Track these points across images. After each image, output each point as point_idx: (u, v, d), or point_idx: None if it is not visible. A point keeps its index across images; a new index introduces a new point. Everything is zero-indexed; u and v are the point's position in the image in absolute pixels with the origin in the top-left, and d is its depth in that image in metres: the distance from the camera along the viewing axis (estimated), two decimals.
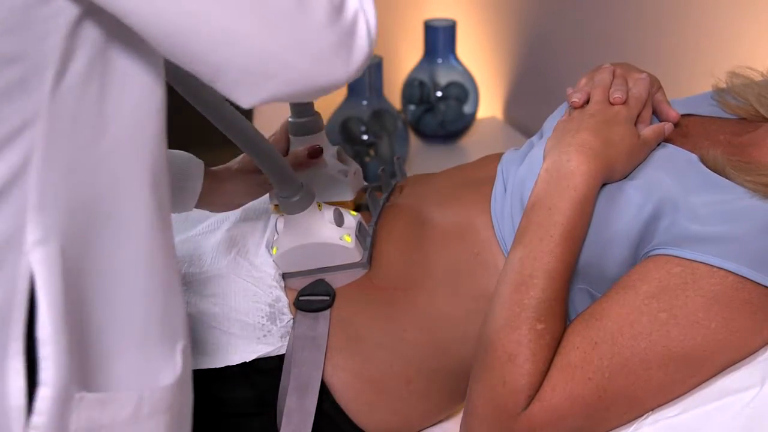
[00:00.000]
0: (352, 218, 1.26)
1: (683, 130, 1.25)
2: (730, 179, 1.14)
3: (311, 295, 1.23)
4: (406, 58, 2.64)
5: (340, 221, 1.25)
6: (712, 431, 1.04)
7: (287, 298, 1.24)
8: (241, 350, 1.21)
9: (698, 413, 1.06)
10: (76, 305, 0.81)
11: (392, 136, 2.35)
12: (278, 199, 1.23)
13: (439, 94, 2.50)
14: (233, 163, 1.34)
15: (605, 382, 1.06)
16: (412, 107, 2.51)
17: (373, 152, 2.35)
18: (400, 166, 1.48)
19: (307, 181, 1.25)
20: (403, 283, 1.25)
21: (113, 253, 0.84)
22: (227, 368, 1.20)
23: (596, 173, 1.12)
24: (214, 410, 1.22)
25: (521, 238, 1.12)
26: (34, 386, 0.80)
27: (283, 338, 1.21)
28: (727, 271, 1.06)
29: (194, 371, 0.93)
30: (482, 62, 2.63)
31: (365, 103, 2.30)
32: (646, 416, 1.08)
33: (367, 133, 2.32)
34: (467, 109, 2.51)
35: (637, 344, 1.07)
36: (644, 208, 1.12)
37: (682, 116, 1.26)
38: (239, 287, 1.25)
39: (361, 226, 1.27)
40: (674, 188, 1.13)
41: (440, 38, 2.47)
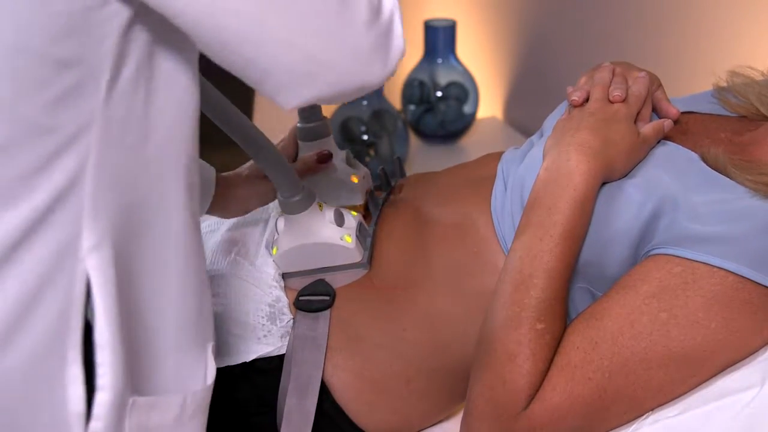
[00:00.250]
0: (352, 218, 1.26)
1: (683, 127, 1.25)
2: (730, 178, 1.14)
3: (311, 295, 1.23)
4: (406, 58, 2.62)
5: (340, 221, 1.24)
6: (712, 431, 1.04)
7: (287, 298, 1.24)
8: (241, 350, 1.21)
9: (698, 413, 1.06)
10: (125, 309, 0.82)
11: (392, 136, 2.35)
12: (279, 198, 1.23)
13: (439, 94, 2.50)
14: (243, 169, 1.34)
15: (605, 381, 1.06)
16: (412, 107, 2.51)
17: (373, 152, 2.35)
18: (399, 165, 1.48)
19: (317, 186, 1.25)
20: (403, 282, 1.24)
21: (155, 255, 0.85)
22: (227, 368, 1.20)
23: (596, 172, 1.12)
24: (214, 410, 1.21)
25: (521, 237, 1.12)
26: (89, 392, 0.81)
27: (283, 338, 1.21)
28: (727, 271, 1.06)
29: None
30: (482, 62, 2.62)
31: (365, 103, 2.30)
32: (646, 416, 1.08)
33: (367, 133, 2.32)
34: (467, 109, 2.51)
35: (637, 344, 1.06)
36: (645, 206, 1.12)
37: (682, 114, 1.26)
38: (239, 287, 1.25)
39: (361, 226, 1.27)
40: (674, 186, 1.13)
41: (440, 38, 2.46)
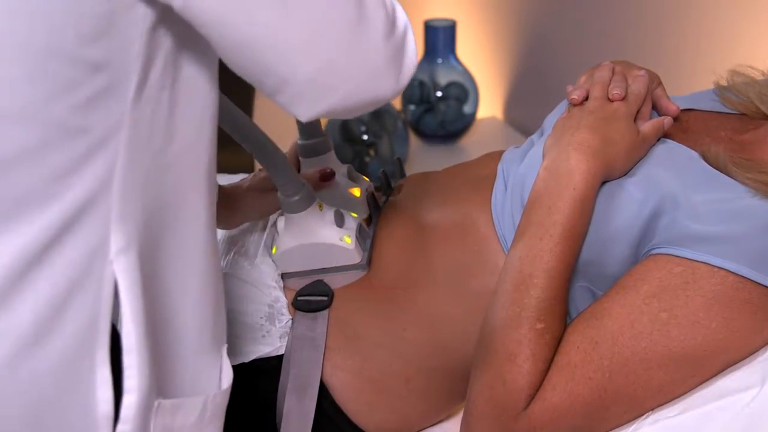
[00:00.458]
0: (352, 220, 1.26)
1: (684, 125, 1.25)
2: (731, 176, 1.13)
3: (309, 295, 1.23)
4: None
5: (340, 222, 1.24)
6: (712, 431, 1.04)
7: (286, 298, 1.24)
8: (240, 351, 1.21)
9: (698, 413, 1.06)
10: (150, 312, 0.83)
11: (392, 136, 2.35)
12: (279, 197, 1.23)
13: (439, 94, 2.50)
14: (244, 181, 1.34)
15: (605, 381, 1.06)
16: (412, 107, 2.51)
17: (373, 152, 2.35)
18: (400, 166, 1.48)
19: (320, 202, 1.25)
20: (402, 282, 1.24)
21: (178, 258, 0.86)
22: None
23: (595, 172, 1.12)
24: None
25: (521, 237, 1.12)
26: (116, 395, 0.81)
27: (282, 338, 1.21)
28: (727, 271, 1.06)
29: None
30: (482, 62, 2.62)
31: None
32: (646, 416, 1.08)
33: (367, 133, 2.32)
34: (467, 109, 2.51)
35: (637, 344, 1.06)
36: (645, 204, 1.11)
37: (683, 111, 1.26)
38: (238, 287, 1.25)
39: (361, 227, 1.27)
40: (674, 185, 1.12)
41: (440, 38, 2.47)
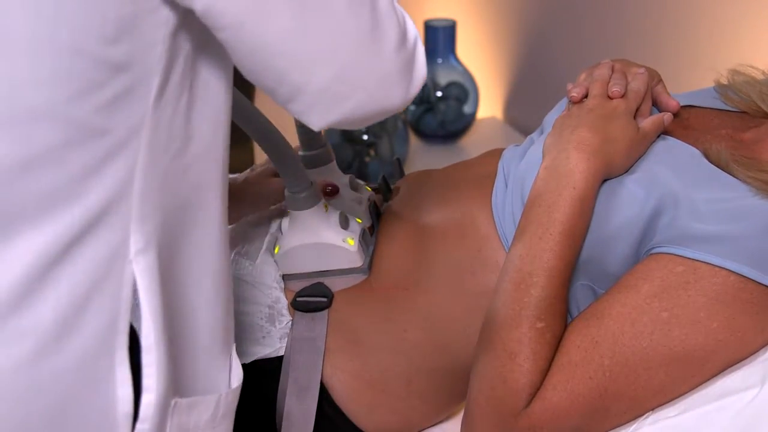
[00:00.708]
0: (357, 224, 1.26)
1: (684, 122, 1.25)
2: (733, 175, 1.13)
3: (309, 296, 1.23)
4: None
5: (345, 224, 1.25)
6: (712, 431, 1.04)
7: (286, 299, 1.24)
8: (240, 351, 1.20)
9: (698, 413, 1.06)
10: (167, 312, 0.84)
11: (392, 136, 2.35)
12: (286, 194, 1.23)
13: (439, 94, 2.50)
14: (240, 175, 1.35)
15: (606, 381, 1.06)
16: (412, 107, 2.51)
17: (373, 152, 2.35)
18: (399, 167, 1.47)
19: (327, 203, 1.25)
20: (403, 283, 1.24)
21: (194, 258, 0.87)
22: None
23: (595, 170, 1.12)
24: None
25: (521, 235, 1.12)
26: (135, 393, 0.82)
27: (282, 339, 1.21)
28: (729, 270, 1.06)
29: None
30: (482, 62, 2.62)
31: None
32: (646, 416, 1.08)
33: (367, 133, 2.32)
34: (467, 109, 2.51)
35: (638, 343, 1.06)
36: (647, 203, 1.11)
37: (683, 108, 1.26)
38: (239, 288, 1.24)
39: (365, 233, 1.27)
40: (675, 183, 1.12)
41: (440, 38, 2.47)
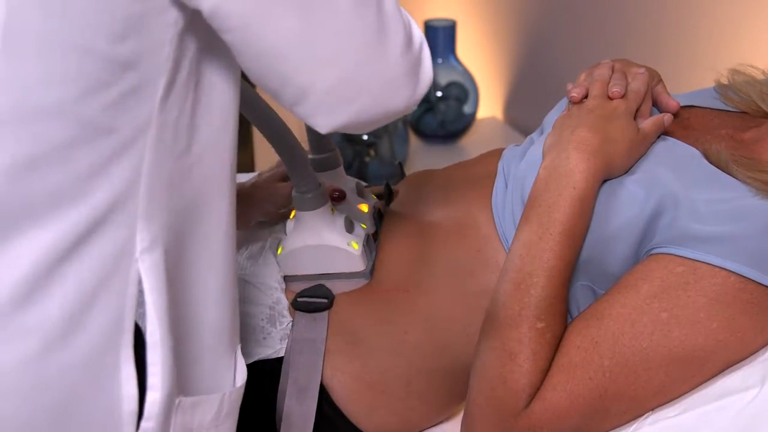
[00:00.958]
0: (361, 229, 1.27)
1: (684, 122, 1.25)
2: (732, 175, 1.13)
3: (309, 297, 1.23)
4: None
5: (350, 228, 1.25)
6: (712, 431, 1.04)
7: (287, 300, 1.24)
8: (241, 353, 1.21)
9: (698, 413, 1.06)
10: (172, 310, 0.84)
11: (392, 136, 2.35)
12: (293, 194, 1.24)
13: (439, 94, 2.50)
14: (248, 181, 1.35)
15: (606, 381, 1.06)
16: None
17: (373, 152, 2.35)
18: (401, 170, 1.47)
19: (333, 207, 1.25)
20: (403, 284, 1.24)
21: (200, 257, 0.88)
22: None
23: (595, 170, 1.12)
24: None
25: (521, 235, 1.12)
26: (140, 392, 0.83)
27: (282, 341, 1.21)
28: (729, 271, 1.06)
29: None
30: (482, 62, 2.62)
31: None
32: (646, 416, 1.08)
33: (367, 133, 2.32)
34: (467, 109, 2.51)
35: (638, 344, 1.06)
36: (647, 203, 1.11)
37: (683, 108, 1.25)
38: (241, 288, 1.24)
39: (369, 238, 1.27)
40: (675, 183, 1.12)
41: (440, 38, 2.47)
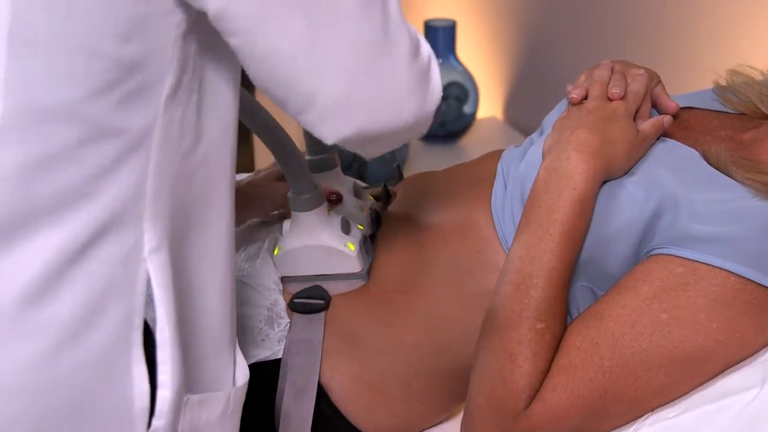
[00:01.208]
0: (358, 231, 1.26)
1: (684, 123, 1.25)
2: (731, 176, 1.13)
3: (306, 298, 1.23)
4: None
5: (347, 229, 1.25)
6: (712, 431, 1.04)
7: (284, 301, 1.24)
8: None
9: (698, 414, 1.06)
10: (179, 309, 0.85)
11: None
12: (289, 195, 1.23)
13: None
14: (245, 179, 1.35)
15: (606, 382, 1.06)
16: None
17: None
18: (399, 172, 1.47)
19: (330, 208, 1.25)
20: (402, 286, 1.24)
21: (203, 257, 0.88)
22: None
23: (595, 171, 1.12)
24: None
25: (521, 236, 1.12)
26: (151, 389, 0.83)
27: (280, 342, 1.21)
28: (729, 271, 1.06)
29: None
30: (482, 62, 2.62)
31: None
32: (646, 416, 1.08)
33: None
34: (467, 109, 2.51)
35: (638, 345, 1.06)
36: (647, 204, 1.11)
37: (682, 110, 1.25)
38: (239, 290, 1.24)
39: (365, 239, 1.27)
40: (674, 184, 1.12)
41: (440, 38, 2.46)
